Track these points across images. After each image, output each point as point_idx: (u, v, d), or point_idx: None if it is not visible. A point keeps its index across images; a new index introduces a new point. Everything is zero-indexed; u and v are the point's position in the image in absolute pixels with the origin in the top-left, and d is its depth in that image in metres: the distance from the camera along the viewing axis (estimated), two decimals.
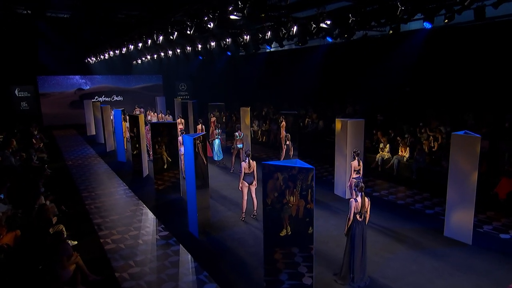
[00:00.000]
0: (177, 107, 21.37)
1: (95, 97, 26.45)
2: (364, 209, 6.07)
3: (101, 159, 15.35)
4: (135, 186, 11.56)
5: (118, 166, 14.08)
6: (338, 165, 10.25)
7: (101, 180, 12.23)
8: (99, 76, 26.86)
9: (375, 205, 9.51)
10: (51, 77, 24.99)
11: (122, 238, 7.87)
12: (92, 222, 8.69)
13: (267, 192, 6.03)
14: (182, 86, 29.69)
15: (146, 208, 9.63)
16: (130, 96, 27.94)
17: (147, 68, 26.63)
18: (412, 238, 7.63)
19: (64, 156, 16.03)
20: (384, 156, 12.93)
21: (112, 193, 10.87)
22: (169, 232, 8.11)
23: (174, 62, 23.29)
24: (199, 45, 15.43)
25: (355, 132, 9.70)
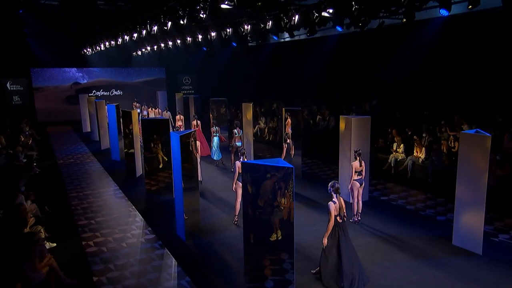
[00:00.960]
0: (178, 102, 21.74)
1: (93, 91, 27.07)
2: (343, 211, 6.37)
3: (94, 158, 15.79)
4: (126, 186, 11.89)
5: (111, 165, 14.45)
6: (342, 166, 10.32)
7: (91, 180, 12.61)
8: (97, 69, 27.48)
9: (381, 210, 9.57)
10: (45, 70, 25.72)
11: (105, 241, 8.15)
12: (76, 223, 9.02)
13: (260, 193, 6.21)
14: (186, 80, 30.10)
15: (135, 209, 9.91)
16: (131, 90, 28.49)
17: (149, 61, 27.10)
18: (416, 246, 7.68)
19: (55, 154, 16.54)
20: (398, 157, 12.92)
21: (101, 194, 11.21)
22: (156, 236, 8.36)
23: (177, 54, 23.69)
24: (199, 35, 15.69)
25: (361, 131, 9.76)
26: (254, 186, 6.18)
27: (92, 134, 19.77)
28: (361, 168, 8.75)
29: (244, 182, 6.21)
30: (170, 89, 28.00)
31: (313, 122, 18.62)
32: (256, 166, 6.03)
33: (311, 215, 9.28)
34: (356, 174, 8.73)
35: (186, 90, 29.81)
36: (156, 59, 26.42)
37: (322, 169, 13.38)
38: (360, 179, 8.79)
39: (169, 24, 11.25)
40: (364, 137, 9.81)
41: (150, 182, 11.36)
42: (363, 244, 7.77)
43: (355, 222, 8.77)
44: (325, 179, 12.26)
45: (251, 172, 6.06)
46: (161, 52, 22.53)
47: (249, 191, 6.30)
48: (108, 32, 18.03)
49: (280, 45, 22.52)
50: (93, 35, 21.09)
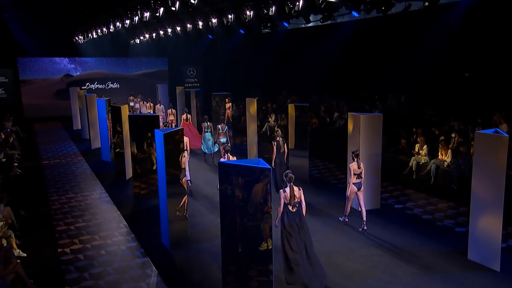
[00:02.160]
0: (179, 96, 22.20)
1: (86, 84, 27.85)
2: (295, 200, 6.92)
3: (82, 158, 16.36)
4: (114, 189, 12.35)
5: (100, 167, 14.97)
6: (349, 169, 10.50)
7: (76, 182, 13.13)
8: (91, 59, 28.26)
9: (393, 219, 9.71)
10: (33, 60, 26.58)
11: (83, 248, 8.57)
12: (54, 229, 9.48)
13: (250, 198, 6.49)
14: (191, 72, 30.59)
15: (120, 215, 10.33)
16: (130, 83, 29.18)
17: (148, 50, 27.69)
18: (425, 260, 7.81)
19: (40, 153, 17.20)
20: (420, 160, 12.99)
21: (85, 197, 11.69)
22: (138, 243, 8.73)
23: (180, 42, 24.18)
24: (200, 22, 16.09)
25: (371, 130, 9.93)
26: (245, 191, 6.47)
27: (83, 131, 20.41)
28: (360, 170, 8.97)
29: (231, 187, 6.49)
30: (173, 82, 28.45)
31: (329, 120, 18.79)
32: (252, 168, 6.26)
33: (312, 224, 9.45)
34: (355, 177, 8.96)
35: (190, 83, 30.31)
36: (156, 48, 27.02)
37: (333, 173, 13.56)
38: (358, 182, 9.00)
39: (161, 10, 11.64)
40: (375, 137, 9.98)
41: (140, 185, 11.76)
42: (366, 255, 7.96)
43: (363, 231, 9.01)
44: (335, 184, 12.45)
45: (244, 175, 6.31)
46: (162, 40, 23.04)
47: (238, 197, 6.59)
48: (100, 18, 18.61)
49: (293, 32, 22.72)
50: (84, 21, 21.73)
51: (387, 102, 18.48)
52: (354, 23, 18.89)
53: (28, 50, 25.25)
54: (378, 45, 18.62)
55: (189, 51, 27.73)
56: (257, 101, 15.13)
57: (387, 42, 18.02)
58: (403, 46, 16.90)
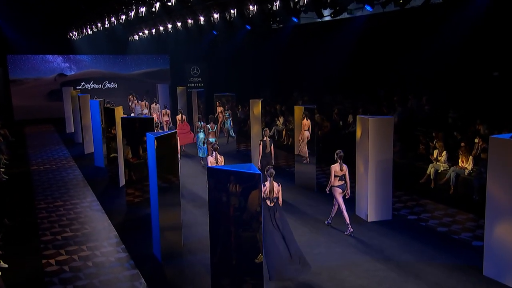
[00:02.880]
0: (180, 97, 22.55)
1: (81, 83, 28.38)
2: (274, 195, 7.81)
3: (74, 163, 16.76)
4: (106, 197, 12.68)
5: (93, 173, 15.33)
6: (359, 178, 10.66)
7: (66, 189, 13.48)
8: (86, 57, 28.80)
9: (404, 231, 9.85)
10: (25, 58, 27.17)
11: (70, 259, 8.86)
12: (39, 239, 9.79)
13: (247, 206, 6.70)
14: (194, 71, 30.95)
15: (111, 224, 10.62)
16: (129, 83, 29.69)
17: (149, 47, 28.10)
18: (436, 275, 7.93)
19: (29, 158, 17.65)
20: (439, 167, 13.08)
21: (74, 206, 12.02)
22: (128, 254, 8.99)
23: (183, 39, 24.55)
24: (201, 17, 16.42)
25: (381, 134, 10.08)
26: (243, 198, 6.68)
27: (76, 135, 20.86)
28: (343, 172, 9.50)
29: (225, 194, 6.70)
30: (175, 81, 28.85)
31: (343, 124, 18.94)
32: (251, 174, 6.47)
33: (314, 236, 9.68)
34: (337, 179, 9.49)
35: (194, 83, 30.71)
36: (157, 45, 27.45)
37: None
38: (342, 185, 9.56)
39: (157, 5, 11.96)
40: (385, 142, 10.13)
41: (134, 193, 12.05)
42: (371, 270, 8.11)
43: (349, 234, 9.61)
44: None
45: (243, 181, 6.50)
46: (162, 36, 23.44)
47: (235, 205, 6.80)
48: (95, 13, 19.06)
49: (304, 27, 22.93)
50: (79, 16, 22.20)
51: (407, 103, 18.55)
52: (369, 17, 19.05)
53: (19, 47, 25.75)
54: (397, 41, 18.68)
55: (192, 49, 28.08)
56: (262, 102, 15.41)
57: (406, 37, 18.08)
58: (424, 42, 16.96)
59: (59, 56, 28.26)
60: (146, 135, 9.14)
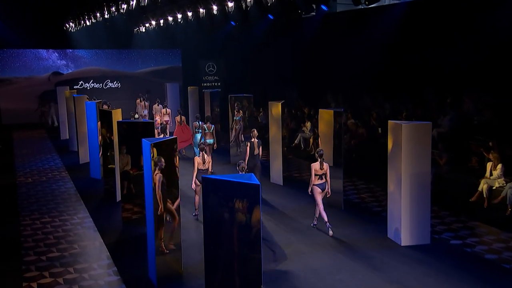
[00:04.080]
0: (192, 98, 22.93)
1: (79, 83, 29.12)
2: None
3: (66, 175, 17.28)
4: (100, 213, 13.07)
5: (88, 185, 15.81)
6: (391, 195, 10.75)
7: (55, 204, 13.94)
8: (86, 53, 29.53)
9: (444, 258, 9.89)
10: (14, 54, 27.98)
11: (54, 282, 9.19)
12: (22, 259, 10.19)
13: (251, 224, 6.91)
14: (210, 68, 31.31)
15: (103, 243, 10.98)
16: (134, 82, 30.31)
17: (157, 41, 28.59)
18: None
19: (16, 168, 18.25)
20: (494, 183, 12.99)
21: (63, 222, 12.43)
22: (120, 277, 9.29)
23: (196, 31, 25.01)
24: (214, 6, 16.81)
25: (416, 143, 10.14)
26: (249, 213, 6.92)
27: (71, 142, 21.44)
28: (323, 171, 10.87)
29: (226, 209, 6.94)
30: (188, 81, 29.19)
31: (382, 131, 18.97)
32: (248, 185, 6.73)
33: (337, 260, 9.81)
34: (317, 177, 10.86)
35: (209, 82, 31.12)
36: (167, 38, 27.95)
37: (378, 198, 13.80)
38: (322, 183, 10.92)
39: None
40: (421, 152, 10.20)
41: (133, 208, 12.37)
42: None
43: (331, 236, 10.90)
44: (377, 212, 12.69)
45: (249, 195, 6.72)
46: (172, 28, 23.86)
47: (241, 222, 7.03)
48: (94, 1, 19.64)
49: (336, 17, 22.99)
50: (76, 4, 22.80)
51: (461, 106, 18.37)
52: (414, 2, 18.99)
53: (7, 40, 26.36)
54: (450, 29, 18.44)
55: (208, 42, 28.45)
56: (284, 105, 15.66)
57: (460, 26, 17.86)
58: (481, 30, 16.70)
59: (55, 52, 29.05)
60: (142, 142, 9.45)
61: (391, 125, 10.53)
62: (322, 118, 13.68)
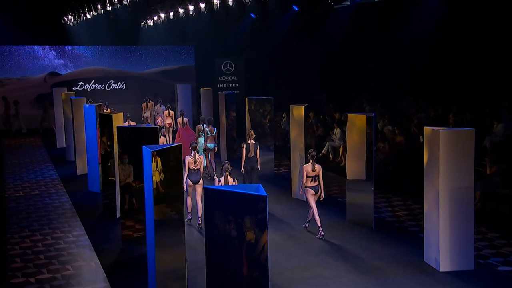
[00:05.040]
0: (205, 100, 23.11)
1: (79, 83, 29.56)
2: None
3: (62, 187, 17.61)
4: (97, 230, 13.34)
5: (85, 199, 16.10)
6: (428, 213, 10.77)
7: (48, 220, 14.20)
8: (86, 50, 30.00)
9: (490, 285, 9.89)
10: (6, 51, 28.50)
11: None
12: (7, 281, 10.42)
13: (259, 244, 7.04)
14: (227, 67, 31.46)
15: (99, 264, 11.19)
16: (140, 83, 30.74)
17: (167, 37, 28.94)
18: None
19: (6, 180, 18.59)
20: None
21: (56, 240, 12.68)
22: None
23: (211, 25, 25.28)
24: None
25: (456, 152, 10.16)
26: (259, 229, 7.03)
27: (68, 151, 21.82)
28: (315, 173, 11.94)
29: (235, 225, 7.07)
30: (202, 82, 29.30)
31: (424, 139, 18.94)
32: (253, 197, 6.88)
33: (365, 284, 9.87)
34: (310, 179, 11.90)
35: (226, 83, 31.33)
36: (178, 33, 28.26)
37: (416, 217, 13.82)
38: (315, 186, 11.98)
39: None
40: (463, 163, 10.20)
41: (134, 225, 12.55)
42: None
43: (321, 238, 12.05)
44: (413, 233, 12.72)
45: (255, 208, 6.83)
46: (184, 21, 24.18)
47: (250, 240, 7.17)
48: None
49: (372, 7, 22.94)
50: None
51: None
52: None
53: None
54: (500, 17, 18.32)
55: (224, 38, 28.68)
56: (309, 109, 15.78)
57: None
58: None
59: (51, 50, 29.60)
60: (143, 150, 9.65)
61: (428, 131, 10.59)
62: (352, 124, 13.66)
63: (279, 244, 11.87)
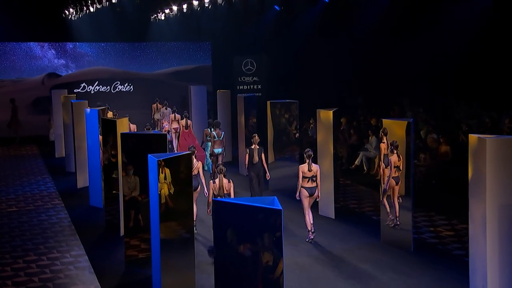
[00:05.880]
0: (221, 103, 23.14)
1: (81, 85, 29.81)
2: (224, 191, 11.19)
3: (60, 202, 17.74)
4: (98, 250, 13.40)
5: (86, 216, 16.22)
6: (474, 233, 10.69)
7: (43, 239, 14.27)
8: (89, 49, 30.25)
9: None
10: None
11: None
12: None
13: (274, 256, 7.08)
14: (248, 66, 31.47)
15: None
16: (150, 84, 30.93)
17: (180, 32, 29.06)
18: None
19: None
20: None
21: (52, 261, 12.73)
22: None
23: (230, 19, 25.34)
24: None
25: (504, 162, 10.08)
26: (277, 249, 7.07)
27: (68, 161, 22.01)
28: (312, 173, 12.65)
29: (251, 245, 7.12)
30: (219, 83, 29.21)
31: None
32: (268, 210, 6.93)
33: None
34: (306, 180, 12.63)
35: (247, 84, 31.40)
36: (193, 28, 28.37)
37: (461, 238, 13.72)
38: (311, 187, 12.74)
39: None
40: None
41: (140, 245, 12.58)
42: None
43: (310, 241, 13.04)
44: (458, 257, 12.64)
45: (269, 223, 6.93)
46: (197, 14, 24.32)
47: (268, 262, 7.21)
48: None
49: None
50: None
51: None
52: None
53: None
54: None
55: (245, 33, 28.77)
56: (339, 113, 15.78)
57: None
58: None
59: (51, 48, 29.86)
60: (148, 158, 9.75)
61: (473, 140, 10.51)
62: (388, 130, 13.63)
63: (305, 268, 11.84)
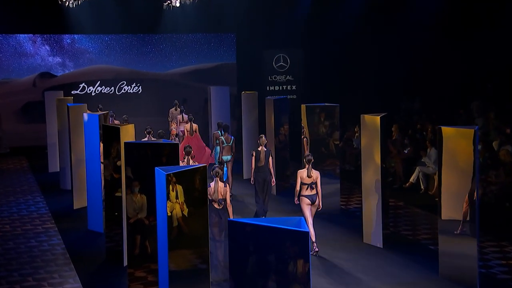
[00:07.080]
0: (246, 106, 23.08)
1: (81, 86, 29.94)
2: (220, 196, 11.95)
3: (53, 225, 17.75)
4: (97, 283, 13.51)
5: (83, 241, 16.27)
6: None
7: (33, 269, 14.26)
8: (90, 43, 30.45)
9: None
10: None
11: None
12: None
13: None
14: (280, 62, 31.34)
15: None
16: (162, 85, 31.09)
17: (198, 22, 29.18)
18: None
19: None
20: None
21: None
22: None
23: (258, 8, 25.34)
24: None
25: None
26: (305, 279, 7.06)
27: (63, 176, 22.08)
28: (311, 179, 13.54)
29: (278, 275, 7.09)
30: (245, 83, 29.16)
31: None
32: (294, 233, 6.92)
33: None
34: (305, 187, 13.53)
35: (279, 85, 31.34)
36: (214, 18, 28.44)
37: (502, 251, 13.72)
38: (312, 195, 13.63)
39: None
40: None
41: (146, 276, 12.59)
42: None
43: (314, 254, 13.69)
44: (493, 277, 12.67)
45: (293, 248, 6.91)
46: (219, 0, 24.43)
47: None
48: None
49: None
50: None
51: None
52: None
53: None
54: None
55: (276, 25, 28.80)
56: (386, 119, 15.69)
57: None
58: None
59: (45, 44, 30.12)
60: (156, 172, 9.76)
61: None
62: (449, 141, 13.26)
63: None
